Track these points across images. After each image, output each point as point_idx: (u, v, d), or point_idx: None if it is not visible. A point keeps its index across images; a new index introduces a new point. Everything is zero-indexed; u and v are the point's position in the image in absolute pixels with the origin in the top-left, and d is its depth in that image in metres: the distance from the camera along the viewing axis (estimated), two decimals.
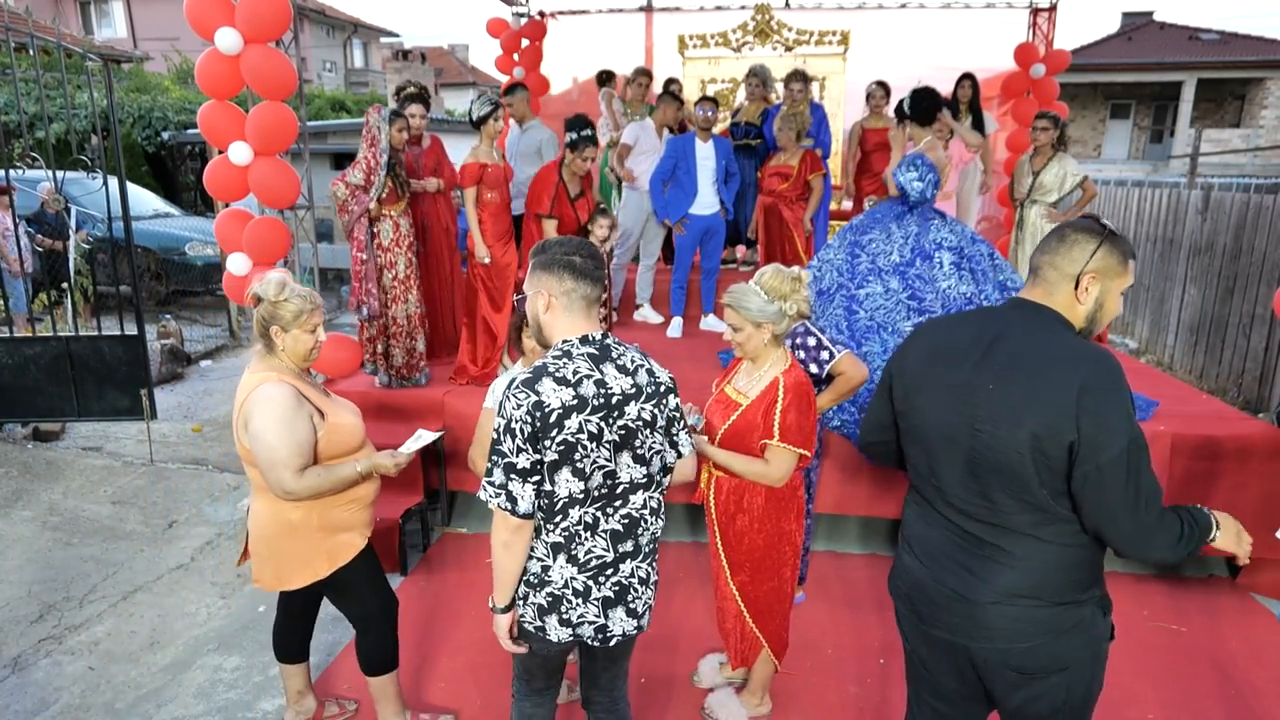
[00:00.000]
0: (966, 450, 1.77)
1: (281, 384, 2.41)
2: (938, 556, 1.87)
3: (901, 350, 2.01)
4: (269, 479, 2.37)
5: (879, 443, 2.11)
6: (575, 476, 1.94)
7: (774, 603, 2.82)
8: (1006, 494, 1.72)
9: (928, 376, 1.88)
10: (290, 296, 2.43)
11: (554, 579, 2.03)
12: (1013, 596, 1.75)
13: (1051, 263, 1.78)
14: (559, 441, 1.90)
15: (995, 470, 1.72)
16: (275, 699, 3.19)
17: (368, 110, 4.55)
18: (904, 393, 1.94)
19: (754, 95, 6.67)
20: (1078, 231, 1.77)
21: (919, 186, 4.02)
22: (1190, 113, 22.66)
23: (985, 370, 1.75)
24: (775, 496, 2.68)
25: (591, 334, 2.01)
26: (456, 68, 34.94)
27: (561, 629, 2.06)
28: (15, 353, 5.48)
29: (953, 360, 1.83)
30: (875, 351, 3.94)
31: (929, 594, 1.89)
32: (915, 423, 1.90)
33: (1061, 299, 1.77)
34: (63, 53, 5.18)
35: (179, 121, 14.31)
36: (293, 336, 2.44)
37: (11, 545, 4.36)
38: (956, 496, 1.82)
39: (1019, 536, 1.74)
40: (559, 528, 1.99)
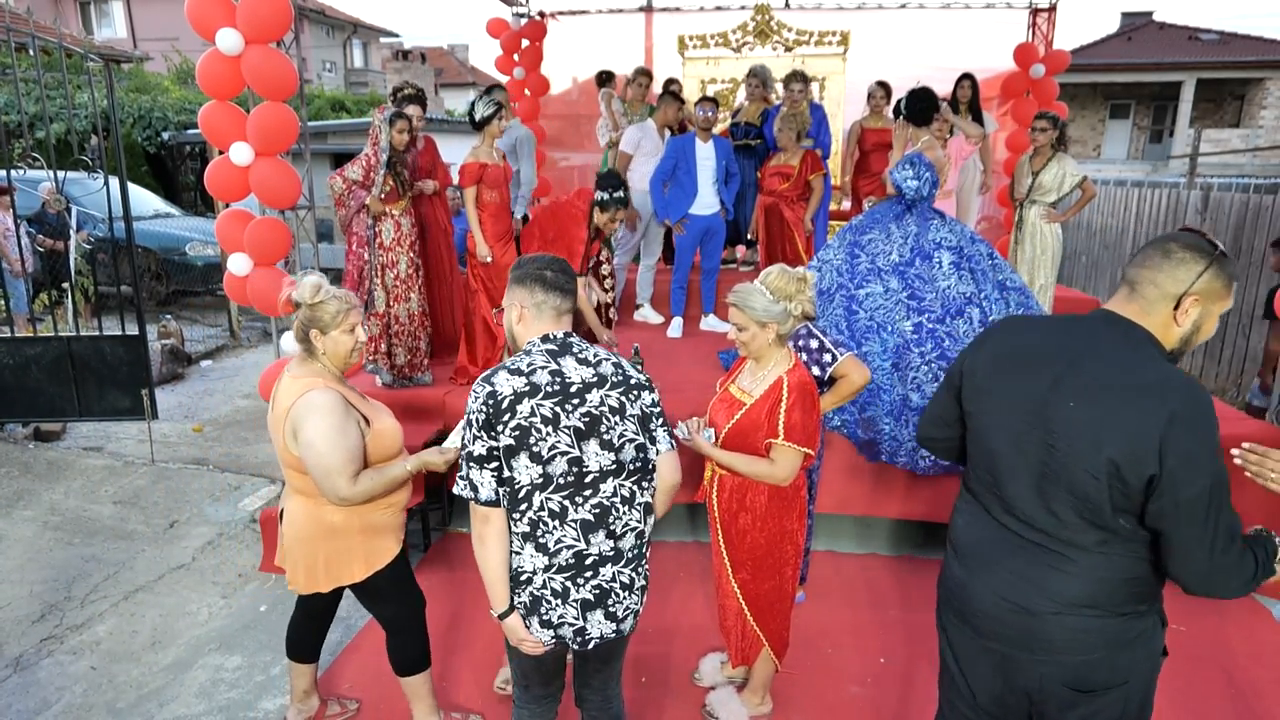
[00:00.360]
0: (1037, 464, 1.69)
1: (328, 390, 2.39)
2: (993, 566, 1.79)
3: (976, 347, 1.91)
4: (323, 487, 2.36)
5: (940, 439, 2.04)
6: (533, 461, 1.98)
7: (775, 601, 2.83)
8: (1075, 513, 1.65)
9: (1003, 380, 1.79)
10: (327, 298, 2.41)
11: (526, 569, 2.05)
12: (1074, 607, 1.68)
13: (1153, 280, 1.65)
14: (512, 427, 1.96)
15: (1067, 489, 1.64)
16: (277, 698, 3.19)
17: (374, 110, 4.58)
18: (974, 393, 1.86)
19: (754, 95, 6.67)
20: (1185, 249, 1.63)
21: (914, 185, 4.03)
22: (1190, 113, 22.69)
23: (1067, 385, 1.66)
24: (778, 495, 2.69)
25: (552, 333, 2.09)
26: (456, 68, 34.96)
27: (543, 630, 2.08)
28: (16, 353, 5.48)
29: (1032, 368, 1.73)
30: (875, 351, 3.94)
31: (984, 606, 1.81)
32: (983, 426, 1.82)
33: (1158, 319, 1.66)
34: (63, 53, 5.18)
35: (179, 122, 14.32)
36: (332, 339, 2.43)
37: (13, 545, 4.36)
38: (1020, 507, 1.74)
39: (1083, 551, 1.67)
40: (524, 517, 2.03)
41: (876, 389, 3.91)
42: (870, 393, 3.91)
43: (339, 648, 3.49)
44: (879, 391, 3.92)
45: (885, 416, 3.87)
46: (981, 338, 1.92)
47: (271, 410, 2.52)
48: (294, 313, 2.44)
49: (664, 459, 2.18)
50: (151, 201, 11.03)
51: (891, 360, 3.93)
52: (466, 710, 3.02)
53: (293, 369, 2.50)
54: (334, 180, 4.50)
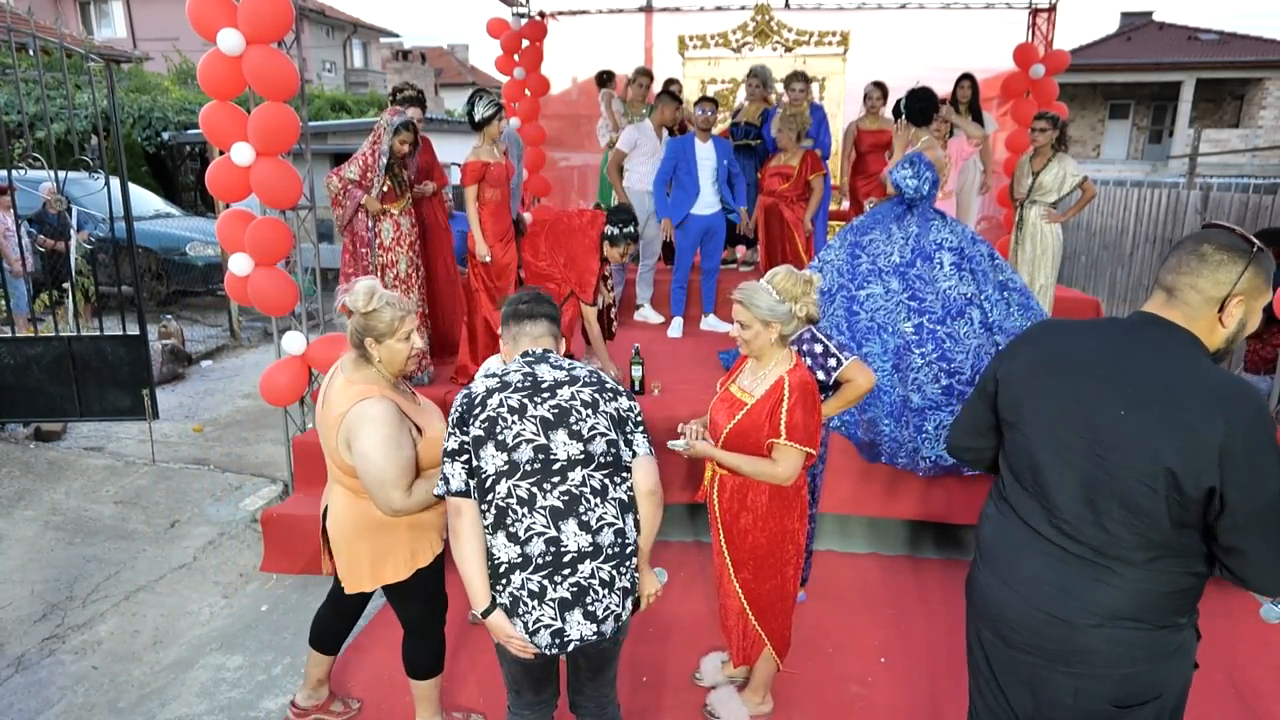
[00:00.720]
0: (1084, 474, 1.63)
1: (384, 401, 2.36)
2: (1029, 579, 1.73)
3: (1011, 353, 1.85)
4: (377, 499, 2.35)
5: (974, 449, 1.97)
6: (499, 449, 2.06)
7: (776, 601, 2.83)
8: (1126, 526, 1.59)
9: (1044, 388, 1.72)
10: (381, 306, 2.37)
11: (501, 559, 2.06)
12: (1115, 619, 1.63)
13: (1193, 285, 1.60)
14: (482, 419, 2.07)
15: (1120, 502, 1.58)
16: (278, 697, 3.20)
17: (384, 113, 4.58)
18: (1012, 401, 1.79)
19: (754, 96, 6.68)
20: (1222, 250, 1.58)
21: (914, 184, 4.04)
22: (1189, 113, 22.70)
23: (1115, 391, 1.60)
24: (779, 495, 2.70)
25: (531, 349, 2.24)
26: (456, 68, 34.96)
27: (522, 633, 2.07)
28: (17, 353, 5.49)
29: (1076, 374, 1.67)
30: (875, 352, 3.95)
31: (1018, 617, 1.75)
32: (1025, 436, 1.75)
33: (1203, 324, 1.61)
34: (64, 53, 5.18)
35: (179, 122, 14.32)
36: (388, 347, 2.40)
37: (14, 545, 4.37)
38: (1065, 519, 1.67)
39: (1132, 566, 1.62)
40: (492, 505, 2.06)
41: (877, 390, 3.92)
42: (871, 394, 3.91)
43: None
44: (879, 393, 3.92)
45: (885, 418, 3.87)
46: (1016, 343, 1.86)
47: (322, 407, 2.50)
48: (348, 319, 2.41)
49: (639, 463, 2.18)
50: (152, 201, 11.03)
51: (892, 361, 3.93)
52: (468, 710, 3.03)
53: (347, 370, 2.46)
54: (330, 180, 4.51)
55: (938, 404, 3.89)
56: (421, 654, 2.72)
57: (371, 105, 20.18)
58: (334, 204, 4.60)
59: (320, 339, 4.53)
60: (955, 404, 3.90)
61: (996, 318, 4.01)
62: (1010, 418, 1.80)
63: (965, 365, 3.93)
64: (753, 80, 6.63)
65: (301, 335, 4.41)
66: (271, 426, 5.96)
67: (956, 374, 3.91)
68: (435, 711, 2.81)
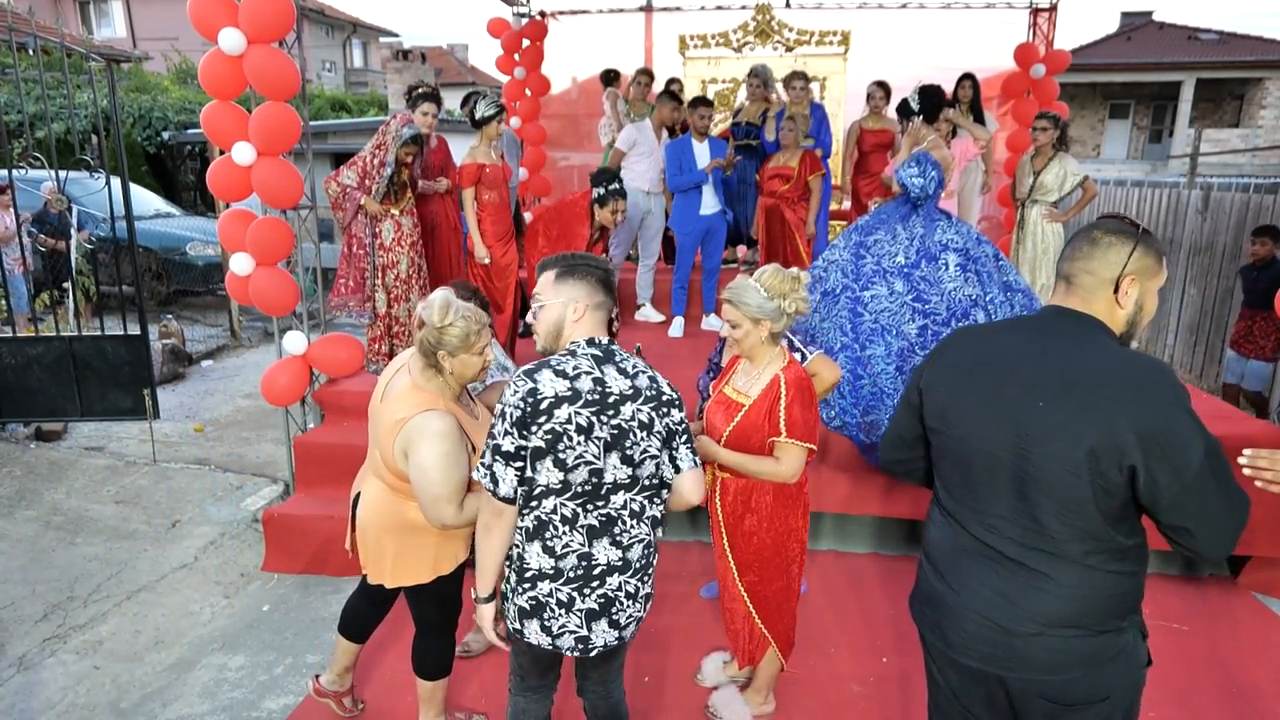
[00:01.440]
0: (1013, 471, 1.65)
1: (448, 416, 2.33)
2: (970, 583, 1.75)
3: (930, 362, 1.88)
4: (429, 512, 2.32)
5: (904, 460, 1.98)
6: (555, 467, 1.96)
7: (782, 602, 2.83)
8: (1058, 520, 1.61)
9: (965, 391, 1.75)
10: (455, 320, 2.32)
11: (532, 567, 2.04)
12: (1055, 627, 1.65)
13: (1086, 268, 1.68)
14: (546, 429, 1.93)
15: (1047, 494, 1.61)
16: (280, 698, 3.20)
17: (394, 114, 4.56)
18: (937, 409, 1.81)
19: (754, 95, 6.68)
20: (1110, 234, 1.67)
21: (919, 183, 4.03)
22: (1189, 113, 22.69)
23: (1033, 386, 1.63)
24: (783, 494, 2.70)
25: (598, 338, 2.07)
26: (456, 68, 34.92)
27: (541, 635, 2.07)
28: (18, 352, 5.48)
29: (994, 374, 1.71)
30: (879, 355, 3.92)
31: (960, 622, 1.77)
32: (951, 441, 1.78)
33: (1101, 305, 1.67)
34: (64, 52, 5.18)
35: (179, 121, 14.31)
36: (460, 361, 2.36)
37: (15, 545, 4.37)
38: (999, 520, 1.70)
39: (1067, 564, 1.63)
40: (532, 514, 2.02)
41: (880, 393, 3.89)
42: (874, 396, 3.89)
43: None
44: (882, 395, 3.89)
45: (888, 420, 3.85)
46: (935, 352, 1.88)
47: (380, 401, 2.47)
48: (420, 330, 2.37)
49: (686, 478, 2.15)
50: (152, 201, 11.02)
51: (896, 364, 3.90)
52: (471, 711, 3.03)
53: (415, 374, 2.42)
54: (329, 185, 4.50)
55: None
56: (432, 654, 2.72)
57: (371, 105, 20.18)
58: (334, 207, 4.60)
59: (321, 339, 4.53)
60: None
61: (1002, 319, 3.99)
62: (936, 425, 1.82)
63: None
64: (753, 80, 6.63)
65: (302, 335, 4.42)
66: (272, 426, 5.96)
67: None
68: (439, 712, 2.81)
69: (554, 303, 2.07)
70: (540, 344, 2.12)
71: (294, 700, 3.16)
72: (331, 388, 4.63)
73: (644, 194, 5.91)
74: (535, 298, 2.10)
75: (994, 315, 3.97)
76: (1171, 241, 7.93)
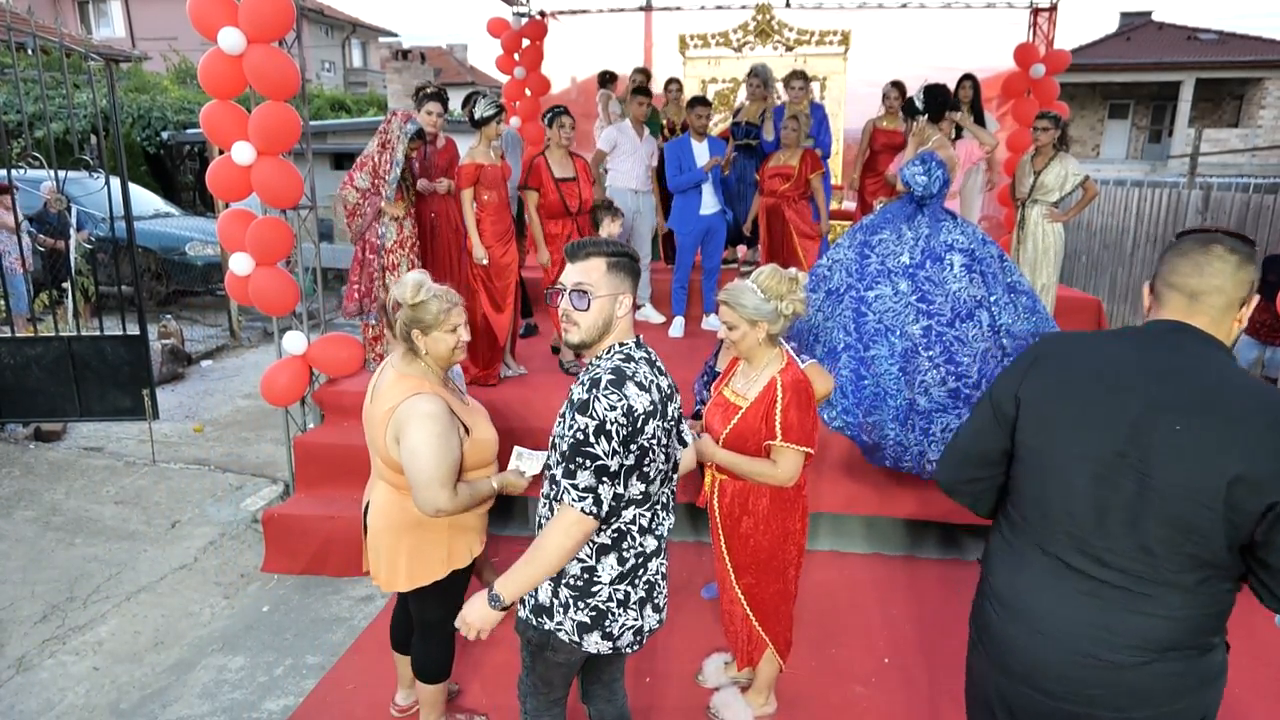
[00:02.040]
0: (1129, 496, 1.52)
1: (435, 398, 2.35)
2: (1063, 621, 1.62)
3: (1024, 371, 1.71)
4: (421, 496, 2.32)
5: (978, 479, 1.80)
6: (640, 480, 1.95)
7: (779, 604, 2.83)
8: (1172, 548, 1.50)
9: (1077, 407, 1.60)
10: (428, 297, 2.37)
11: (602, 580, 1.99)
12: (1165, 651, 1.54)
13: (1220, 288, 1.56)
14: (638, 446, 1.90)
15: (1167, 521, 1.49)
16: (280, 699, 3.19)
17: (392, 113, 4.55)
18: (1040, 423, 1.65)
19: (755, 95, 6.66)
20: (1236, 252, 1.56)
21: (923, 181, 4.02)
22: (1189, 113, 22.69)
23: (1165, 405, 1.50)
24: (780, 497, 2.69)
25: (639, 338, 2.05)
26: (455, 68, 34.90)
27: (602, 643, 2.04)
28: (17, 353, 5.48)
29: (1116, 387, 1.56)
30: (882, 355, 3.91)
31: (1053, 666, 1.62)
32: (1051, 460, 1.63)
33: (1224, 326, 1.58)
34: (63, 52, 5.17)
35: (178, 121, 14.30)
36: (434, 338, 2.40)
37: (15, 545, 4.36)
38: (1101, 547, 1.57)
39: (1173, 589, 1.53)
40: (611, 528, 1.98)
41: (883, 393, 3.88)
42: (876, 397, 3.87)
43: (341, 648, 3.48)
44: (885, 396, 3.88)
45: (891, 422, 3.82)
46: (1030, 361, 1.72)
47: (371, 402, 2.48)
48: (396, 312, 2.40)
49: (684, 453, 2.25)
50: (151, 201, 11.00)
51: (899, 365, 3.89)
52: (472, 712, 3.02)
53: (397, 364, 2.46)
54: (346, 192, 4.47)
55: (944, 407, 3.85)
56: (433, 656, 2.71)
57: (371, 105, 20.16)
58: (350, 215, 4.56)
59: (321, 339, 4.52)
60: (962, 407, 3.85)
61: (1005, 321, 3.98)
62: (1035, 442, 1.66)
63: (972, 369, 3.90)
64: (753, 80, 6.62)
65: (302, 335, 4.41)
66: (272, 426, 5.95)
67: (963, 377, 3.87)
68: (440, 714, 2.81)
69: (606, 295, 1.95)
70: (579, 337, 1.97)
71: (294, 701, 3.15)
72: (331, 388, 4.63)
73: (632, 193, 5.90)
74: (579, 286, 1.95)
75: (998, 316, 3.96)
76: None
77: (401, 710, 3.02)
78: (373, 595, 3.89)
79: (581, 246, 1.99)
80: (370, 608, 3.80)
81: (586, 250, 1.97)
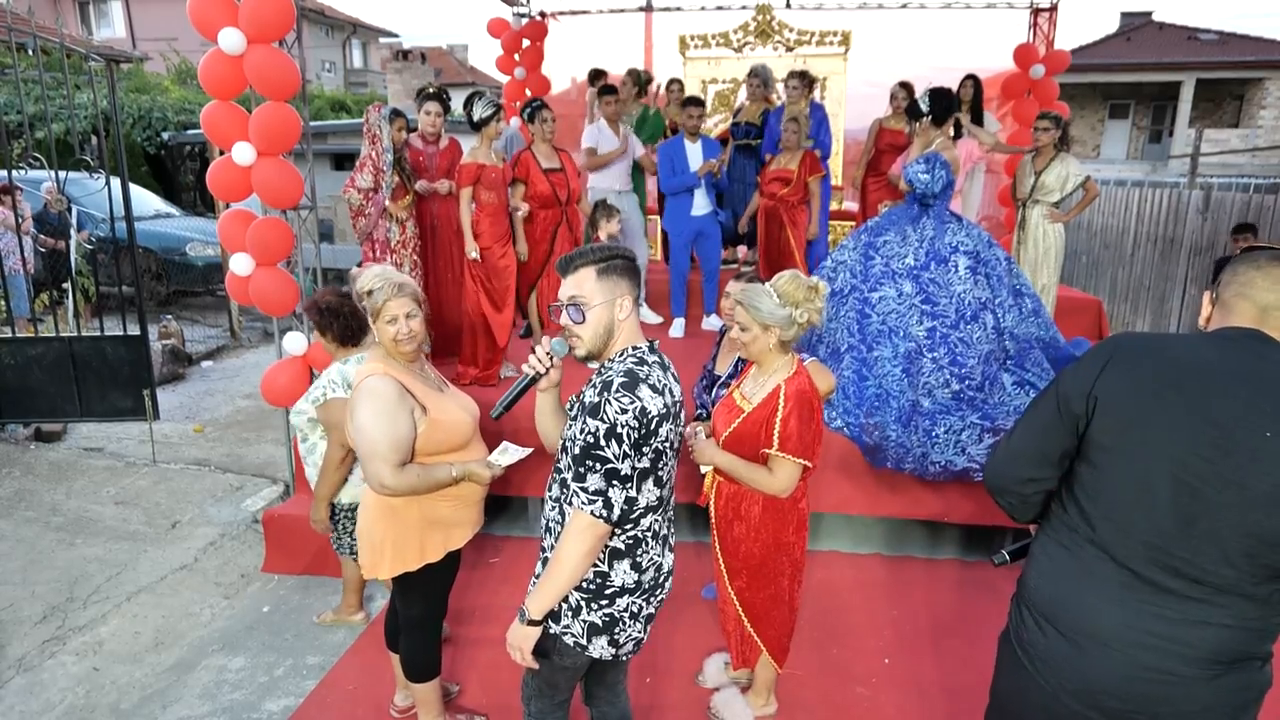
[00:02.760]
0: (1215, 505, 1.46)
1: (386, 377, 2.42)
2: (1124, 632, 1.55)
3: (1108, 367, 1.59)
4: (367, 471, 2.40)
5: (1038, 480, 1.69)
6: (655, 485, 1.95)
7: (771, 609, 2.81)
8: (1253, 559, 1.45)
9: (1164, 405, 1.51)
10: (376, 286, 2.46)
11: (615, 585, 1.99)
12: (1235, 662, 1.51)
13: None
14: (652, 449, 1.90)
15: (1252, 531, 1.44)
16: (281, 699, 3.19)
17: (367, 109, 4.57)
18: (1120, 422, 1.55)
19: (755, 95, 6.66)
20: None
21: (925, 180, 4.03)
22: (1189, 113, 22.69)
23: (1257, 414, 1.44)
24: (773, 507, 2.66)
25: (650, 342, 2.03)
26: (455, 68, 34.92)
27: (607, 649, 2.03)
28: (18, 353, 5.48)
29: (1204, 389, 1.49)
30: (885, 356, 3.91)
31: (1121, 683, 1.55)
32: (1130, 464, 1.53)
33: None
34: (64, 53, 5.17)
35: (178, 122, 14.30)
36: (378, 327, 2.48)
37: (15, 546, 4.36)
38: (1181, 558, 1.50)
39: (1247, 600, 1.48)
40: (626, 534, 1.97)
41: (885, 394, 3.88)
42: (879, 398, 3.87)
43: (341, 648, 3.48)
44: (887, 397, 3.87)
45: (894, 423, 3.80)
46: (1107, 357, 1.60)
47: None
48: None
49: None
50: (152, 202, 11.01)
51: (902, 366, 3.89)
52: (471, 712, 3.02)
53: (370, 354, 2.56)
54: (349, 193, 4.48)
55: (947, 409, 3.85)
56: (418, 654, 2.72)
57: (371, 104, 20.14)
58: (355, 215, 4.57)
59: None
60: (965, 409, 3.84)
61: (1009, 323, 3.98)
62: (1112, 442, 1.56)
63: (976, 371, 3.89)
64: (753, 80, 6.62)
65: (303, 335, 4.40)
66: (272, 427, 5.95)
67: (967, 379, 3.87)
68: (439, 714, 2.81)
69: (602, 303, 1.93)
70: (585, 349, 1.96)
71: (294, 702, 3.15)
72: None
73: (615, 193, 5.87)
74: (573, 300, 1.94)
75: (1002, 319, 3.97)
76: (1172, 241, 7.93)
77: (401, 711, 3.01)
78: (372, 595, 3.89)
79: (570, 260, 1.97)
80: (370, 608, 3.79)
81: (575, 263, 1.96)
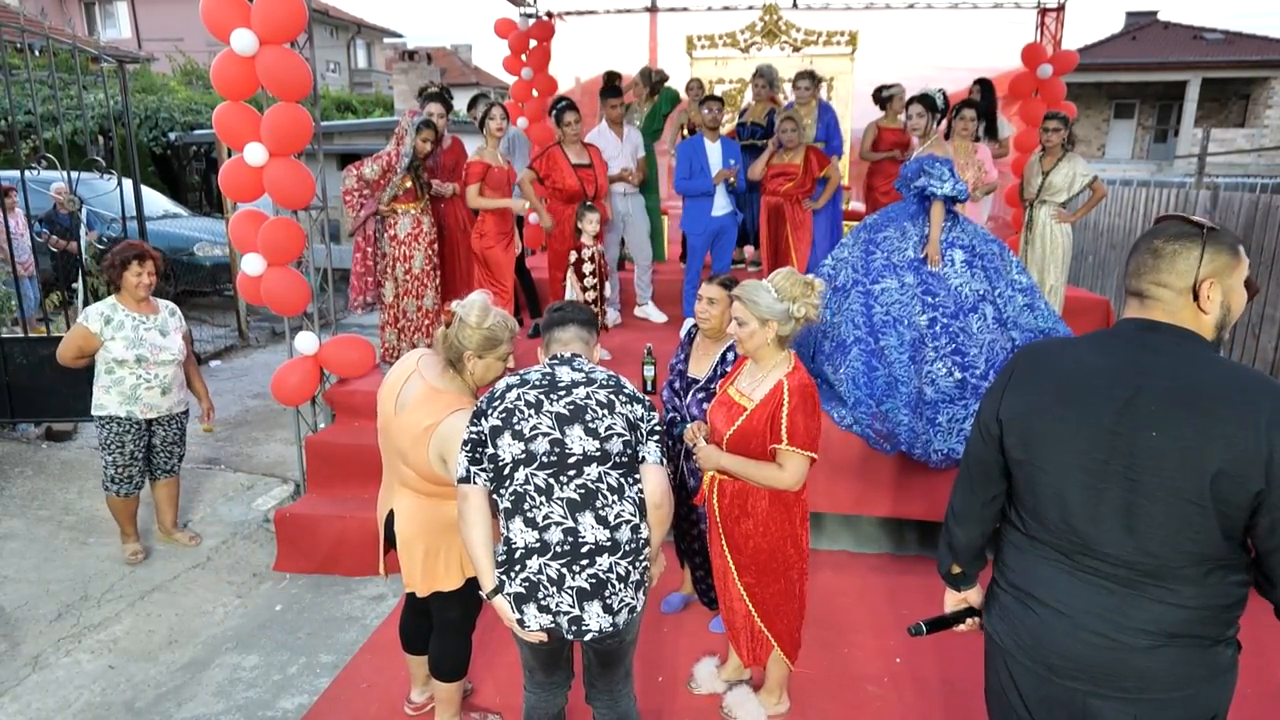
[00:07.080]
0: (1121, 503, 1.53)
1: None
2: (1076, 604, 1.63)
3: (1002, 388, 1.72)
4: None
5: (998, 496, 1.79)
6: (515, 439, 2.14)
7: (782, 603, 2.82)
8: (1172, 546, 1.51)
9: (1058, 421, 1.60)
10: (493, 325, 2.42)
11: (518, 544, 2.13)
12: (1174, 638, 1.55)
13: (1157, 281, 1.55)
14: (500, 410, 2.16)
15: (1161, 523, 1.50)
16: (295, 697, 3.21)
17: (405, 112, 4.65)
18: (1024, 439, 1.66)
19: (760, 96, 6.67)
20: (1171, 240, 1.54)
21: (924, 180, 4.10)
22: (1194, 112, 22.64)
23: (1139, 413, 1.51)
24: (779, 501, 2.68)
25: (560, 353, 2.30)
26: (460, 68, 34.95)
27: (541, 615, 2.13)
28: (30, 353, 5.50)
29: (1091, 401, 1.57)
30: (892, 345, 3.99)
31: (1068, 645, 1.63)
32: (1043, 474, 1.64)
33: (1186, 315, 1.54)
34: (75, 54, 5.20)
35: (185, 122, 14.34)
36: (485, 364, 2.46)
37: (29, 545, 4.38)
38: (1106, 551, 1.57)
39: (1184, 582, 1.53)
40: (509, 491, 2.15)
41: (895, 381, 3.95)
42: (889, 384, 3.94)
43: (354, 647, 3.50)
44: (897, 384, 3.95)
45: (903, 408, 3.90)
46: (1007, 378, 1.73)
47: (397, 411, 2.49)
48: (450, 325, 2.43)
49: (650, 469, 2.25)
50: (160, 202, 11.05)
51: (909, 353, 3.97)
52: (486, 710, 3.04)
53: (431, 378, 2.48)
54: (348, 175, 4.52)
55: (950, 397, 3.92)
56: (450, 655, 2.74)
57: (377, 105, 20.19)
58: (345, 199, 4.60)
59: (333, 340, 4.54)
60: (969, 398, 3.91)
61: (1011, 314, 4.04)
62: (1023, 456, 1.67)
63: (979, 360, 3.96)
64: (759, 80, 6.62)
65: (314, 335, 4.43)
66: (282, 426, 5.98)
67: (970, 368, 3.94)
68: (455, 712, 2.82)
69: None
70: None
71: (308, 700, 3.17)
72: (342, 388, 4.64)
73: (620, 195, 5.86)
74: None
75: (1002, 310, 4.02)
76: None
77: (416, 708, 3.03)
78: (384, 594, 3.91)
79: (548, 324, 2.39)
80: (383, 607, 3.81)
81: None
